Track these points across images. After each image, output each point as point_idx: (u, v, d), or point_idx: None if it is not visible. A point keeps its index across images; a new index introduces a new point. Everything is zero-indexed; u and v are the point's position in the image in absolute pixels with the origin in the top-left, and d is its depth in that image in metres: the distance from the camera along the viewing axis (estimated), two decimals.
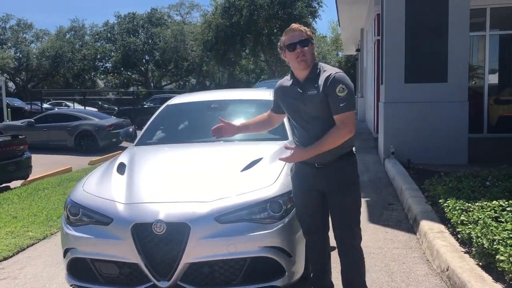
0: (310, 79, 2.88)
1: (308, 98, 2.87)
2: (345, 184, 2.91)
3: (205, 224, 3.10)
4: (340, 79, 2.79)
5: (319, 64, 2.92)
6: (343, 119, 2.77)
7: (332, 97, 2.78)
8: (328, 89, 2.78)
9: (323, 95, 2.80)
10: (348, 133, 2.80)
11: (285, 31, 2.93)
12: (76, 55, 45.26)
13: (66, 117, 15.27)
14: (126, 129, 4.99)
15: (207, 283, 3.16)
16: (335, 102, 2.77)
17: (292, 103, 2.97)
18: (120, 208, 3.24)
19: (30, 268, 4.30)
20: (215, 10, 32.62)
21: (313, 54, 2.88)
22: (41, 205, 6.62)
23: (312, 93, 2.85)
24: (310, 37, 2.88)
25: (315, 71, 2.88)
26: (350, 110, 2.77)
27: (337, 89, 2.76)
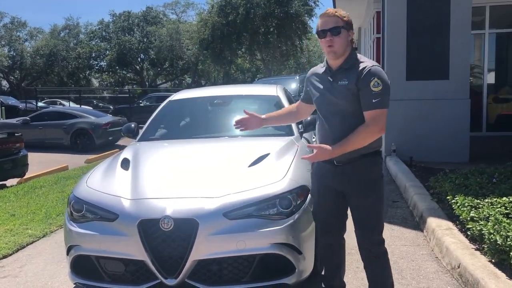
0: (343, 69, 2.66)
1: (338, 88, 2.66)
2: (365, 185, 2.70)
3: (213, 220, 3.02)
4: (376, 73, 2.56)
5: (355, 53, 2.69)
6: (374, 116, 2.54)
7: (365, 91, 2.55)
8: (361, 82, 2.56)
9: (355, 87, 2.59)
10: (379, 131, 2.58)
11: (320, 14, 2.71)
12: (71, 53, 44.99)
13: (62, 115, 15.13)
14: (128, 124, 4.89)
15: (216, 280, 3.08)
16: (368, 97, 2.54)
17: (321, 91, 2.78)
18: (126, 204, 3.15)
19: (30, 266, 4.21)
20: (211, 9, 32.53)
21: (347, 44, 2.64)
22: (39, 203, 6.51)
23: (342, 84, 2.64)
24: (345, 25, 2.61)
25: (350, 60, 2.65)
26: (383, 107, 2.55)
27: (372, 83, 2.53)
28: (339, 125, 2.67)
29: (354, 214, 2.79)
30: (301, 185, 3.30)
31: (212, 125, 4.79)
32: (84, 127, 14.28)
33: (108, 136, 14.50)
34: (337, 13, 2.63)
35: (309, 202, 3.28)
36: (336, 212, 2.89)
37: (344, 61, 2.66)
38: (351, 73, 2.62)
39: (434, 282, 3.54)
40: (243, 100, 5.18)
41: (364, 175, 2.69)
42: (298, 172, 3.45)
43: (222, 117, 4.93)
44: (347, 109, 2.65)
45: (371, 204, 2.72)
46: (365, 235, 2.77)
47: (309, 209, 3.26)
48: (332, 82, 2.70)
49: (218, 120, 4.88)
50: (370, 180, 2.70)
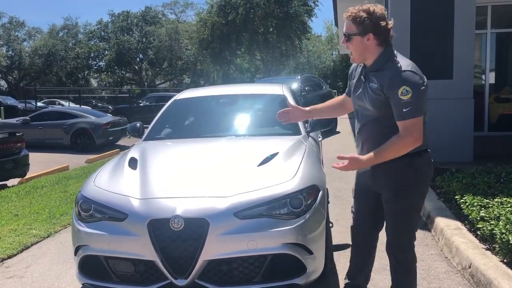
0: (373, 70, 2.50)
1: (367, 90, 2.51)
2: (395, 189, 2.54)
3: (224, 220, 2.98)
4: (404, 79, 2.35)
5: (389, 54, 2.47)
6: (406, 126, 2.36)
7: (393, 100, 2.37)
8: (389, 90, 2.38)
9: (383, 94, 2.42)
10: (414, 142, 2.39)
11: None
12: (69, 53, 44.95)
13: (62, 115, 15.06)
14: (133, 124, 4.86)
15: (226, 281, 3.05)
16: (397, 106, 2.36)
17: (355, 88, 2.67)
18: (135, 203, 3.11)
19: (36, 267, 4.17)
20: (210, 9, 32.51)
21: (365, 48, 2.45)
22: (42, 203, 6.47)
23: (372, 86, 2.48)
24: (360, 30, 2.42)
25: (380, 62, 2.46)
26: (415, 116, 2.35)
27: (400, 91, 2.33)
28: (367, 128, 2.59)
29: (385, 217, 2.70)
30: (312, 184, 3.27)
31: (218, 124, 4.76)
32: (84, 127, 14.21)
33: (108, 136, 14.44)
34: (351, 17, 2.45)
35: (319, 201, 3.25)
36: (369, 212, 2.79)
37: (374, 61, 2.49)
38: (380, 77, 2.45)
39: (445, 282, 3.51)
40: (249, 99, 5.15)
41: (395, 179, 2.54)
42: (308, 172, 3.42)
43: (228, 116, 4.90)
44: (373, 114, 2.53)
45: (400, 209, 2.57)
46: (391, 240, 2.68)
47: (319, 208, 3.24)
48: (364, 82, 2.57)
49: (225, 119, 4.85)
50: (402, 185, 2.53)
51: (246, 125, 4.73)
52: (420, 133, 2.40)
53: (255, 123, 4.78)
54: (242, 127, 4.70)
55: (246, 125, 4.73)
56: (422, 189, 2.60)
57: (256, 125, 4.74)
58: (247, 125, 4.74)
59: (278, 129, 4.68)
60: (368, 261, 2.99)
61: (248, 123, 4.78)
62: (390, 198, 2.58)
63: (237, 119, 4.87)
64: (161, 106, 19.31)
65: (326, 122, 4.62)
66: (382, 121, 2.50)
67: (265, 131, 4.59)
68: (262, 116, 4.91)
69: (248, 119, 4.85)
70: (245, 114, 4.93)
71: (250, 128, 4.67)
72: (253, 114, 4.93)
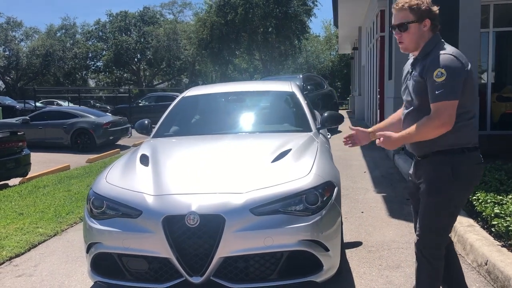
0: (421, 56, 2.50)
1: (412, 78, 2.52)
2: (430, 184, 2.48)
3: (240, 216, 2.94)
4: (441, 62, 2.34)
5: (435, 41, 2.48)
6: (437, 109, 2.32)
7: (429, 82, 2.36)
8: (426, 72, 2.38)
9: (421, 78, 2.42)
10: (440, 126, 2.33)
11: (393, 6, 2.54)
12: (67, 53, 44.80)
13: (62, 114, 14.97)
14: (141, 121, 4.80)
15: (242, 278, 3.00)
16: (431, 88, 2.35)
17: (404, 82, 2.66)
18: (149, 200, 3.07)
19: (45, 265, 4.11)
20: (209, 9, 32.45)
21: (421, 36, 2.46)
22: (47, 202, 6.41)
23: (415, 74, 2.49)
24: (416, 17, 2.44)
25: (426, 50, 2.47)
26: (447, 99, 2.29)
27: (435, 73, 2.32)
28: (410, 117, 2.55)
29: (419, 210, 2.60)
30: (327, 180, 3.24)
31: (228, 121, 4.72)
32: (84, 126, 14.13)
33: (108, 136, 14.37)
34: (405, 7, 2.45)
35: (335, 198, 3.22)
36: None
37: (421, 51, 2.50)
38: (422, 63, 2.46)
39: None
40: (258, 96, 5.11)
41: (430, 174, 2.50)
42: (323, 168, 3.39)
43: (238, 113, 4.86)
44: (415, 103, 2.51)
45: (428, 205, 2.50)
46: (418, 235, 2.59)
47: (335, 205, 3.20)
48: (411, 73, 2.56)
49: (235, 116, 4.81)
50: (436, 181, 2.47)
51: (257, 122, 4.69)
52: (450, 118, 2.32)
53: (265, 120, 4.75)
54: (253, 124, 4.66)
55: (257, 122, 4.69)
56: (458, 191, 2.47)
57: (266, 122, 4.70)
58: (257, 122, 4.70)
59: (288, 126, 4.65)
60: (451, 266, 2.76)
61: (258, 120, 4.74)
62: (423, 192, 2.52)
63: (247, 116, 4.83)
64: (161, 106, 19.47)
65: (336, 119, 4.59)
66: (424, 110, 2.42)
67: (275, 127, 4.56)
68: (271, 113, 4.88)
69: (258, 116, 4.81)
70: (255, 111, 4.89)
71: (260, 125, 4.63)
72: (262, 111, 4.89)
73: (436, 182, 2.47)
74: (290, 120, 4.74)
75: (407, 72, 2.66)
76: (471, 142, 2.46)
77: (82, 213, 5.64)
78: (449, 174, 2.43)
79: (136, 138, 15.88)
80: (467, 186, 2.51)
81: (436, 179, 2.47)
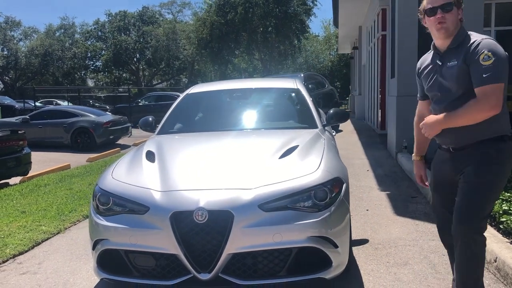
0: (451, 49, 2.50)
1: (447, 70, 2.49)
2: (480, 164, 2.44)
3: (249, 212, 2.91)
4: (486, 45, 2.36)
5: (465, 31, 2.51)
6: (485, 92, 2.31)
7: (474, 66, 2.36)
8: (470, 57, 2.38)
9: (465, 65, 2.41)
10: (490, 109, 2.31)
11: None
12: (66, 53, 44.67)
13: (62, 113, 14.91)
14: (145, 118, 4.77)
15: (250, 275, 2.97)
16: (478, 72, 2.34)
17: (431, 78, 2.61)
18: (157, 196, 3.03)
19: (49, 263, 4.07)
20: (209, 8, 32.40)
21: (458, 21, 2.49)
22: (49, 200, 6.36)
23: (451, 65, 2.47)
24: (456, 1, 2.47)
25: (459, 38, 2.49)
26: (496, 82, 2.30)
27: (481, 56, 2.34)
28: (450, 109, 2.48)
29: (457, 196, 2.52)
30: (336, 176, 3.21)
31: (233, 118, 4.69)
32: (85, 125, 14.07)
33: (109, 135, 14.32)
34: None
35: (344, 194, 3.19)
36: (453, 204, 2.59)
37: (452, 41, 2.50)
38: (459, 51, 2.46)
39: None
40: (263, 93, 5.08)
41: (477, 157, 2.46)
42: (331, 164, 3.36)
43: (243, 109, 4.83)
44: (457, 91, 2.46)
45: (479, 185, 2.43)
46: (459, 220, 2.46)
47: (344, 201, 3.17)
48: (442, 66, 2.54)
49: (239, 113, 4.78)
50: (485, 162, 2.44)
51: (262, 119, 4.65)
52: (498, 101, 2.32)
53: (270, 116, 4.72)
54: (258, 120, 4.63)
55: (262, 119, 4.65)
56: (502, 176, 2.47)
57: (272, 119, 4.67)
58: (262, 118, 4.66)
59: (293, 122, 4.62)
60: None
61: (263, 116, 4.70)
62: (470, 175, 2.46)
63: (252, 113, 4.80)
64: (160, 105, 19.40)
65: (341, 116, 4.57)
66: (466, 98, 2.41)
67: (281, 124, 4.53)
68: (276, 109, 4.85)
69: (263, 112, 4.78)
70: (260, 108, 4.85)
71: (265, 121, 4.60)
72: (267, 108, 4.86)
73: (484, 163, 2.45)
74: (295, 117, 4.71)
75: (431, 66, 2.63)
76: (509, 130, 2.50)
77: (85, 211, 5.63)
78: (495, 157, 2.44)
79: (136, 138, 15.85)
80: (506, 175, 2.50)
81: (485, 161, 2.45)
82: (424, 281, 3.39)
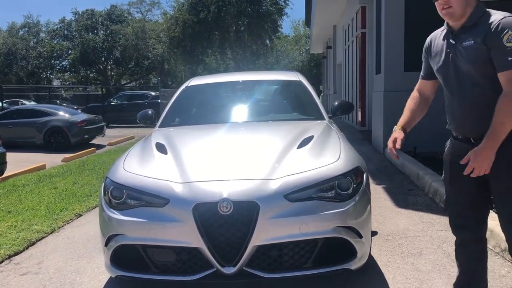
0: (467, 27, 2.21)
1: (462, 51, 2.20)
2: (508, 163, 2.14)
3: (275, 203, 2.81)
4: (509, 24, 2.07)
5: (482, 7, 2.22)
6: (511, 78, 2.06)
7: (497, 49, 2.08)
8: (491, 39, 2.09)
9: (484, 46, 2.12)
10: None
11: None
12: (31, 52, 43.38)
13: (33, 113, 14.38)
14: (144, 111, 4.61)
15: (276, 267, 2.88)
16: (501, 55, 2.07)
17: (443, 59, 2.32)
18: (177, 187, 2.89)
19: (49, 263, 3.85)
20: (181, 6, 32.03)
21: (466, 2, 2.17)
22: (34, 200, 6.08)
23: (468, 44, 2.18)
24: None
25: (476, 15, 2.19)
26: None
27: (505, 37, 2.05)
28: (468, 96, 2.23)
29: (498, 205, 2.27)
30: (357, 166, 3.16)
31: (238, 110, 4.58)
32: (58, 125, 13.60)
33: (83, 135, 13.90)
34: None
35: (365, 183, 3.14)
36: (471, 203, 2.38)
37: (468, 19, 2.20)
38: (477, 30, 2.16)
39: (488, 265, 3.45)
40: (266, 85, 4.99)
41: (506, 153, 2.13)
42: (351, 153, 3.31)
43: (247, 102, 4.72)
44: (475, 75, 2.19)
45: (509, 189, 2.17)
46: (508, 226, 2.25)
47: (366, 191, 3.12)
48: (456, 45, 2.25)
49: (244, 105, 4.67)
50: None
51: (268, 111, 4.57)
52: None
53: (276, 108, 4.65)
54: (264, 112, 4.54)
55: (268, 111, 4.57)
56: None
57: (277, 111, 4.60)
58: (268, 110, 4.58)
59: (299, 114, 4.56)
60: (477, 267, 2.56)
61: (269, 108, 4.63)
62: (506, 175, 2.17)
63: (257, 105, 4.70)
64: (133, 104, 19.07)
65: (347, 108, 4.54)
66: (484, 85, 2.18)
67: (287, 116, 4.46)
68: (281, 101, 4.80)
69: (268, 104, 4.71)
70: (265, 100, 4.77)
71: (271, 113, 4.52)
72: (272, 100, 4.79)
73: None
74: (301, 109, 4.64)
75: (443, 44, 2.34)
76: None
77: (77, 210, 5.41)
78: None
79: (110, 137, 15.47)
80: None
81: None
82: (443, 270, 3.37)
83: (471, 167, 2.12)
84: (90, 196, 6.19)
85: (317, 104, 4.46)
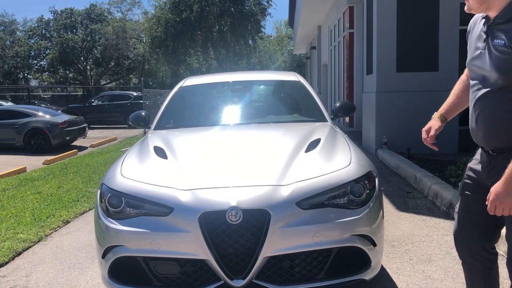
0: (500, 20, 1.86)
1: (491, 50, 1.87)
2: None
3: (286, 210, 2.63)
4: None
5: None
6: None
7: None
8: None
9: (510, 50, 1.78)
10: None
11: None
12: (7, 52, 42.27)
13: (12, 114, 13.87)
14: (137, 113, 4.39)
15: (287, 279, 2.70)
16: None
17: (473, 51, 2.01)
18: (181, 195, 2.69)
19: (38, 275, 3.60)
20: (163, 5, 31.63)
21: None
22: (17, 206, 5.78)
23: (498, 43, 1.83)
24: None
25: (509, 12, 1.82)
26: None
27: None
28: (486, 102, 1.92)
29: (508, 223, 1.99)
30: (369, 170, 3.00)
31: (237, 111, 4.38)
32: (39, 126, 13.15)
33: (65, 136, 13.48)
34: None
35: (378, 189, 2.99)
36: (482, 216, 2.08)
37: (502, 11, 1.84)
38: (510, 29, 1.81)
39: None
40: (264, 85, 4.80)
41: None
42: (361, 157, 3.15)
43: (245, 103, 4.53)
44: (495, 82, 1.86)
45: None
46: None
47: (379, 196, 2.97)
48: (487, 39, 1.91)
49: (243, 107, 4.47)
50: None
51: (268, 112, 4.38)
52: None
53: (277, 109, 4.47)
54: (264, 113, 4.35)
55: (268, 112, 4.38)
56: None
57: (278, 112, 4.42)
58: (268, 111, 4.39)
59: (298, 115, 4.39)
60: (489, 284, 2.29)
61: (269, 109, 4.44)
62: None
63: (256, 106, 4.51)
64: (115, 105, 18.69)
65: (349, 109, 4.40)
66: (508, 93, 1.85)
67: (287, 118, 4.29)
68: (282, 102, 4.61)
69: (267, 105, 4.52)
70: (264, 101, 4.59)
71: (271, 114, 4.33)
72: (272, 100, 4.60)
73: None
74: (302, 110, 4.47)
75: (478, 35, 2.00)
76: None
77: (64, 216, 5.15)
78: None
79: (92, 139, 15.10)
80: None
81: None
82: (456, 277, 3.25)
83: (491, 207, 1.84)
84: (77, 201, 5.91)
85: (318, 105, 4.31)
